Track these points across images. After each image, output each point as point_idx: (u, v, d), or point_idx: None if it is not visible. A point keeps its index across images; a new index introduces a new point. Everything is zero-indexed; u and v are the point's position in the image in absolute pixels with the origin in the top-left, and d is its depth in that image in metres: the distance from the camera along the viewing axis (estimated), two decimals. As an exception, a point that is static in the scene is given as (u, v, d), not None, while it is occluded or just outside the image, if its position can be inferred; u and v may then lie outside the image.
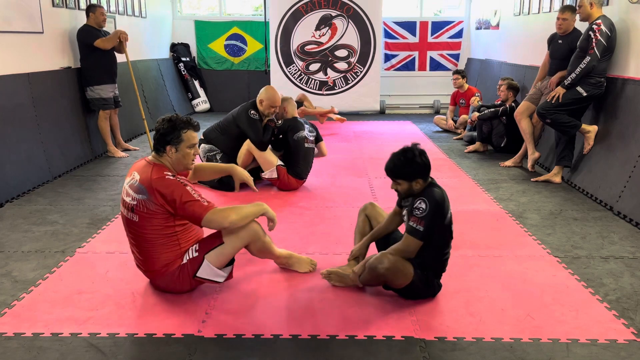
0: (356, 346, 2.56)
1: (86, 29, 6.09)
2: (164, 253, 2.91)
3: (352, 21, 9.43)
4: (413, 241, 2.80)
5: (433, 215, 2.77)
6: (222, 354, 2.49)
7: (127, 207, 2.89)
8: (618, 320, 2.78)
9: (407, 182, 2.85)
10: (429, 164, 2.87)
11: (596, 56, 4.81)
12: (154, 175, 2.83)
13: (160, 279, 2.98)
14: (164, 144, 2.90)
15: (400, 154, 2.85)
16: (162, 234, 2.87)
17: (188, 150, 2.94)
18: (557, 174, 5.37)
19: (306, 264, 3.33)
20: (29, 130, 5.22)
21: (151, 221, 2.84)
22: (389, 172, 2.89)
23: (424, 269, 2.90)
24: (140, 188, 2.84)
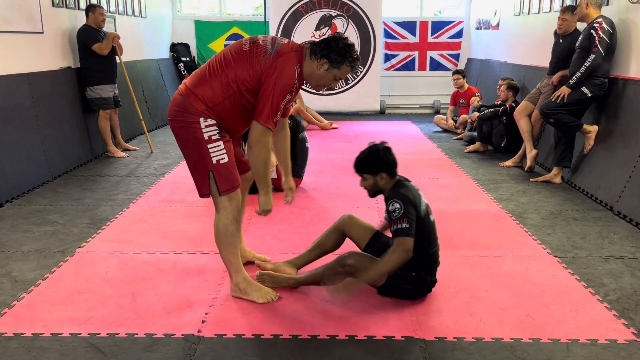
0: (356, 346, 2.56)
1: (86, 29, 6.09)
2: (214, 96, 2.74)
3: (352, 21, 9.43)
4: (405, 240, 2.78)
5: (408, 210, 2.79)
6: (222, 354, 2.49)
7: (246, 42, 2.80)
8: (618, 320, 2.78)
9: (372, 177, 2.91)
10: (394, 160, 2.92)
11: (600, 53, 4.80)
12: (287, 56, 2.71)
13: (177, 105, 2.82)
14: (324, 55, 2.75)
15: (366, 150, 2.93)
16: (236, 91, 2.74)
17: (334, 79, 2.84)
18: (557, 174, 5.37)
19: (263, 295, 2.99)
20: (29, 130, 5.22)
21: (243, 69, 2.72)
22: (355, 168, 2.95)
23: (412, 270, 2.90)
24: (271, 48, 2.73)
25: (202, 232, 3.98)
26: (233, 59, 2.78)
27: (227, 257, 2.96)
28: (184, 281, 3.19)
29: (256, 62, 2.73)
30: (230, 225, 2.89)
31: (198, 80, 2.80)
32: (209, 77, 2.78)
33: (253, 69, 2.73)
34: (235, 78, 2.74)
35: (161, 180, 5.41)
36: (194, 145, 2.79)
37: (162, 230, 4.04)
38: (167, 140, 7.50)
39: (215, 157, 2.77)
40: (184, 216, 4.35)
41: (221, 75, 2.76)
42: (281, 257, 3.54)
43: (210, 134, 2.76)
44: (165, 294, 3.04)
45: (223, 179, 2.81)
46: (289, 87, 2.72)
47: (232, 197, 2.86)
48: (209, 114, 2.76)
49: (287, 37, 9.39)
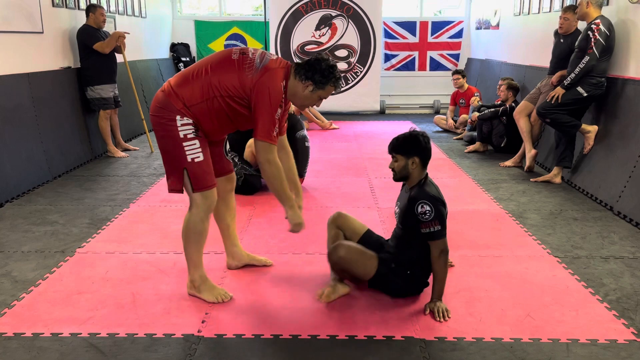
0: (356, 346, 2.56)
1: (86, 29, 6.09)
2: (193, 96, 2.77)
3: (352, 21, 9.43)
4: (439, 242, 2.79)
5: (440, 211, 2.78)
6: (222, 354, 2.49)
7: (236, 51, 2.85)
8: (618, 320, 2.78)
9: (405, 159, 2.86)
10: (430, 150, 2.90)
11: (595, 55, 4.81)
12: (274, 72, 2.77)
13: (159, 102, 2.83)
14: (309, 77, 2.82)
15: (407, 132, 2.91)
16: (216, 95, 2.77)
17: (319, 99, 2.91)
18: (557, 174, 5.37)
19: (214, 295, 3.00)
20: (29, 130, 5.22)
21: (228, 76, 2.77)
22: (390, 146, 2.91)
23: (408, 266, 2.90)
24: (259, 62, 2.79)
25: (202, 232, 3.97)
26: (219, 65, 2.83)
27: (189, 253, 2.98)
28: (184, 281, 3.19)
29: (242, 73, 2.78)
30: (200, 223, 2.92)
31: (181, 81, 2.85)
32: (192, 78, 2.82)
33: (239, 79, 2.78)
34: (218, 83, 2.78)
35: (161, 180, 5.41)
36: (170, 142, 2.83)
37: (162, 230, 4.04)
38: (167, 140, 7.49)
39: (191, 155, 2.81)
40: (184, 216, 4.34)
41: (204, 79, 2.80)
42: (281, 257, 3.54)
43: (185, 132, 2.80)
44: (165, 294, 3.04)
45: (197, 177, 2.84)
46: (278, 102, 2.78)
47: (207, 195, 2.89)
48: (185, 113, 2.79)
49: (287, 37, 9.47)
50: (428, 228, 2.77)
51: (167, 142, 2.84)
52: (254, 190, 4.85)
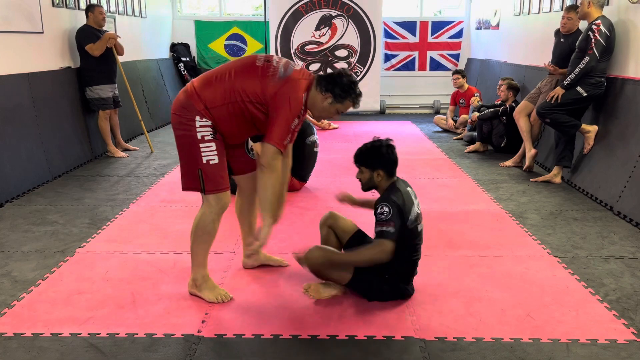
0: (356, 346, 2.56)
1: (83, 29, 6.09)
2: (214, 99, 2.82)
3: (352, 21, 9.43)
4: (386, 242, 2.76)
5: (396, 214, 2.77)
6: (222, 354, 2.49)
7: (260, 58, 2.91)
8: (618, 320, 2.78)
9: (369, 171, 2.88)
10: (394, 159, 2.91)
11: (595, 56, 4.81)
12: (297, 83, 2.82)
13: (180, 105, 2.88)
14: (329, 89, 2.86)
15: (369, 143, 2.93)
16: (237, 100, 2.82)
17: (336, 112, 2.94)
18: (557, 174, 5.37)
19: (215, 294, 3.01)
20: (29, 130, 5.22)
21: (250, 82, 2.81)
22: (354, 158, 2.94)
23: (386, 272, 2.88)
24: (283, 71, 2.84)
25: (202, 232, 3.98)
26: (243, 70, 2.87)
27: (196, 251, 3.00)
28: (184, 281, 3.19)
29: (265, 80, 2.82)
30: (211, 224, 2.94)
31: (204, 83, 2.89)
32: (215, 81, 2.87)
33: (261, 86, 2.81)
34: (241, 88, 2.82)
35: (161, 180, 5.41)
36: (187, 142, 2.86)
37: (162, 230, 4.04)
38: (167, 140, 7.50)
39: (206, 157, 2.84)
40: (184, 216, 4.35)
41: (227, 82, 2.84)
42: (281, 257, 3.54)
43: (203, 134, 2.82)
44: (165, 294, 3.04)
45: (210, 179, 2.87)
46: (297, 112, 2.83)
47: (220, 197, 2.92)
48: (205, 115, 2.82)
49: (287, 37, 9.48)
50: (381, 227, 2.77)
51: (184, 141, 2.87)
52: None
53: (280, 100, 2.78)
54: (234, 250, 3.66)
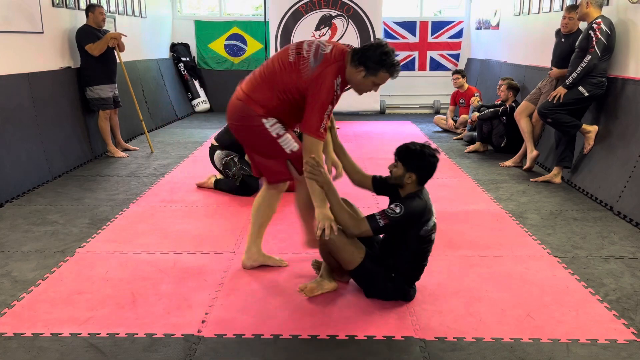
0: (356, 346, 2.56)
1: (83, 29, 6.08)
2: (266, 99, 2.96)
3: (352, 21, 9.43)
4: (365, 227, 2.77)
5: (401, 222, 2.75)
6: (222, 354, 2.49)
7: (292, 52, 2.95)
8: (618, 320, 2.78)
9: (404, 170, 2.83)
10: (432, 172, 2.86)
11: (597, 54, 4.81)
12: (328, 70, 2.84)
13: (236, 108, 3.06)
14: (361, 62, 2.85)
15: (419, 144, 2.86)
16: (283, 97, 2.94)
17: (373, 84, 2.93)
18: (557, 174, 5.37)
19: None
20: (29, 130, 5.22)
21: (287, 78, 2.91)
22: (397, 150, 2.87)
23: (394, 271, 2.88)
24: (314, 60, 2.87)
25: (202, 232, 3.98)
26: (279, 68, 2.96)
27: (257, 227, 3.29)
28: (184, 281, 3.19)
29: (299, 74, 2.90)
30: (276, 203, 3.30)
31: (251, 86, 3.03)
32: (262, 82, 3.00)
33: (297, 80, 2.90)
34: (283, 86, 2.94)
35: (161, 180, 5.41)
36: (266, 144, 3.04)
37: (162, 230, 4.04)
38: (167, 140, 7.51)
39: (289, 148, 3.03)
40: (184, 216, 4.35)
41: (270, 82, 2.97)
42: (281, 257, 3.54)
43: (277, 131, 3.01)
44: (165, 294, 3.05)
45: (300, 162, 3.01)
46: (329, 100, 2.87)
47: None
48: (268, 114, 2.98)
49: (287, 37, 9.46)
50: (379, 216, 2.75)
51: (263, 144, 3.04)
52: (250, 192, 4.84)
53: (313, 90, 2.85)
54: (234, 250, 3.66)
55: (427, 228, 2.83)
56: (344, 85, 2.95)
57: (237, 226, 4.12)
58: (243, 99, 3.01)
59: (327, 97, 2.85)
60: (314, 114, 2.85)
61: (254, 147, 3.13)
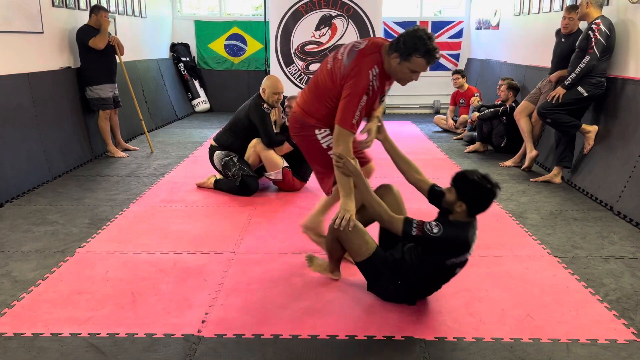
0: (356, 346, 2.56)
1: (84, 28, 6.08)
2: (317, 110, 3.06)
3: (352, 21, 9.43)
4: (397, 227, 2.72)
5: (432, 244, 2.69)
6: (222, 354, 2.49)
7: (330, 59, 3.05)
8: (618, 320, 2.78)
9: (456, 197, 2.69)
10: (485, 204, 2.69)
11: (596, 55, 4.81)
12: (362, 63, 2.85)
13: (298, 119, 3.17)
14: (395, 49, 2.81)
15: (478, 173, 2.69)
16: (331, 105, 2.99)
17: (410, 72, 2.86)
18: (557, 174, 5.37)
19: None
20: (29, 130, 5.22)
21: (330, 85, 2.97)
22: (454, 176, 2.75)
23: (402, 279, 2.85)
24: (347, 59, 2.91)
25: (202, 232, 3.98)
26: (322, 78, 3.06)
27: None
28: (184, 281, 3.19)
29: (336, 78, 2.96)
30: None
31: (303, 99, 3.17)
32: (310, 94, 3.13)
33: (337, 83, 2.95)
34: (326, 93, 3.01)
35: (161, 180, 5.41)
36: (317, 154, 3.18)
37: (162, 230, 4.04)
38: (167, 140, 7.51)
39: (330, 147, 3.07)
40: (184, 216, 4.35)
41: (316, 92, 3.08)
42: (281, 257, 3.54)
43: (327, 143, 3.11)
44: (165, 294, 3.05)
45: None
46: (362, 92, 2.86)
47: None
48: (321, 125, 3.08)
49: (287, 37, 9.47)
50: (416, 227, 2.68)
51: (315, 154, 3.17)
52: (250, 192, 4.84)
53: (347, 83, 2.87)
54: (234, 250, 3.66)
55: (455, 261, 2.76)
56: (382, 76, 2.91)
57: (237, 226, 4.12)
58: (298, 111, 3.17)
59: (361, 89, 2.84)
60: (346, 105, 2.86)
61: (311, 157, 3.26)
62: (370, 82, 2.85)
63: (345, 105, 2.87)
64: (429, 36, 2.79)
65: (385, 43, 2.91)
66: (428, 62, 2.82)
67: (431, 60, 2.82)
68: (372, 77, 2.85)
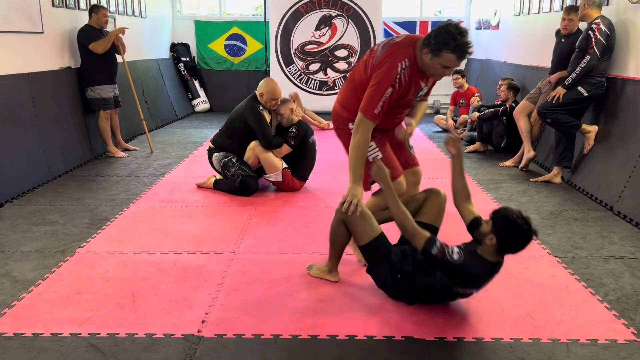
0: (356, 346, 2.56)
1: (85, 29, 6.08)
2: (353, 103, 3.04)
3: (352, 21, 9.43)
4: (419, 243, 2.71)
5: (448, 268, 2.67)
6: (222, 354, 2.49)
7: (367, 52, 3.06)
8: (618, 320, 2.78)
9: (490, 229, 2.65)
10: (515, 245, 2.63)
11: (596, 55, 4.81)
12: (393, 54, 2.85)
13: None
14: (426, 44, 2.79)
15: (519, 213, 2.61)
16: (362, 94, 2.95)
17: (442, 67, 2.83)
18: (557, 174, 5.37)
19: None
20: (29, 130, 5.22)
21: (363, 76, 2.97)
22: (495, 209, 2.69)
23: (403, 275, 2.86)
24: (381, 50, 2.91)
25: (202, 232, 3.98)
26: (357, 70, 3.07)
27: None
28: (184, 281, 3.19)
29: (368, 68, 2.96)
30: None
31: (342, 94, 3.19)
32: (346, 88, 3.15)
33: (367, 75, 2.95)
34: (360, 84, 3.00)
35: (161, 180, 5.41)
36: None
37: (162, 230, 4.04)
38: (167, 140, 7.51)
39: (372, 156, 3.07)
40: (184, 216, 4.35)
41: (352, 85, 3.08)
42: (281, 257, 3.54)
43: None
44: (165, 294, 3.05)
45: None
46: (388, 83, 2.83)
47: (394, 185, 3.01)
48: (354, 118, 2.99)
49: (287, 37, 9.47)
50: (438, 249, 2.66)
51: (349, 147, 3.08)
52: (250, 192, 4.84)
53: (375, 72, 2.87)
54: (234, 250, 3.66)
55: (460, 291, 2.76)
56: (414, 71, 2.88)
57: (237, 226, 4.12)
58: (336, 106, 3.20)
59: (388, 79, 2.81)
60: (370, 94, 2.85)
61: (347, 152, 3.17)
62: (398, 74, 2.82)
63: (370, 94, 2.86)
64: (460, 31, 2.76)
65: (421, 38, 2.89)
66: (459, 58, 2.79)
67: (462, 56, 2.79)
68: (401, 70, 2.83)
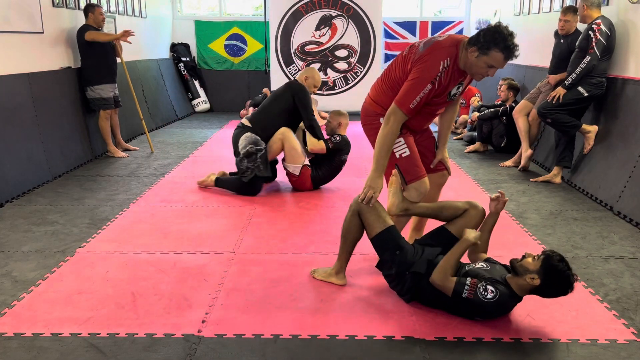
0: (356, 346, 2.56)
1: (85, 28, 6.09)
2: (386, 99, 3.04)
3: (352, 21, 9.43)
4: (449, 287, 2.68)
5: (482, 308, 2.65)
6: (222, 354, 2.49)
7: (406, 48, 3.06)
8: (618, 320, 2.78)
9: (537, 269, 2.61)
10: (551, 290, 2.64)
11: (596, 55, 4.81)
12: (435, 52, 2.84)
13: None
14: (474, 42, 2.80)
15: (568, 267, 2.62)
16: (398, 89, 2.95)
17: (487, 66, 2.83)
18: (557, 174, 5.37)
19: None
20: (29, 130, 5.22)
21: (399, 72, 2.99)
22: (550, 254, 2.64)
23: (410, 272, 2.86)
24: (423, 47, 2.91)
25: (202, 232, 3.98)
26: (394, 65, 3.06)
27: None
28: (184, 281, 3.19)
29: (407, 62, 2.95)
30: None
31: (374, 89, 3.17)
32: (381, 84, 3.13)
33: (405, 70, 2.95)
34: (397, 80, 2.99)
35: (161, 180, 5.41)
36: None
37: (162, 230, 4.04)
38: (167, 140, 7.51)
39: (398, 152, 3.06)
40: (184, 216, 4.35)
41: (388, 81, 3.07)
42: (281, 257, 3.54)
43: None
44: (165, 294, 3.05)
45: (407, 170, 3.07)
46: (429, 79, 2.83)
47: (419, 185, 3.06)
48: (385, 114, 2.98)
49: (287, 37, 9.47)
50: (469, 289, 2.64)
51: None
52: (253, 193, 4.84)
53: (415, 67, 2.86)
54: (234, 250, 3.66)
55: (474, 314, 2.74)
56: (454, 71, 2.88)
57: (237, 226, 4.12)
58: (367, 101, 3.18)
59: (429, 75, 2.81)
60: (409, 87, 2.85)
61: (374, 147, 3.16)
62: (440, 72, 2.83)
63: (409, 87, 2.85)
64: (510, 33, 2.81)
65: (465, 39, 2.90)
66: (506, 58, 2.83)
67: (509, 56, 2.83)
68: (443, 68, 2.84)
